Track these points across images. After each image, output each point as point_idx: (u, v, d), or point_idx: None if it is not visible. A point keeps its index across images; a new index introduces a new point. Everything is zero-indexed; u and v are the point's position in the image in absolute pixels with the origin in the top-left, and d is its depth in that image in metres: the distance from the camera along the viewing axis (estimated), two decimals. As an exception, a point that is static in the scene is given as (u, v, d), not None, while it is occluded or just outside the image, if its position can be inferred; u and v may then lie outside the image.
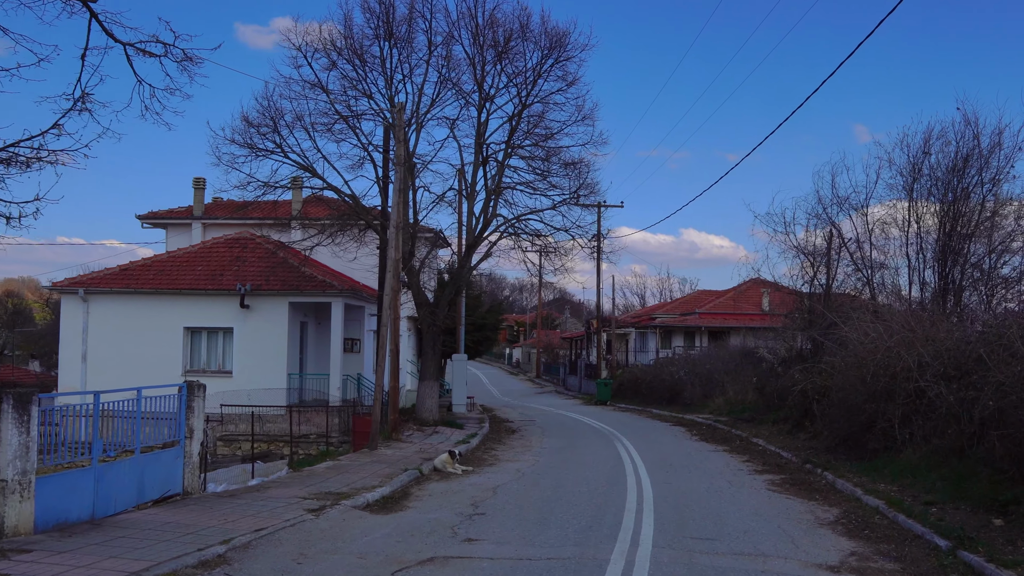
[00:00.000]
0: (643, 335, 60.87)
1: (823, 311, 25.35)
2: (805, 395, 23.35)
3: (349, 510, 13.06)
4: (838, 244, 29.16)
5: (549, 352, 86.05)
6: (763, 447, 22.92)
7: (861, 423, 18.21)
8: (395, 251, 23.07)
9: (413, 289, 27.11)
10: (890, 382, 17.04)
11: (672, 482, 16.72)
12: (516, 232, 28.35)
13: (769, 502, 14.62)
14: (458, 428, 26.74)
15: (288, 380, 30.53)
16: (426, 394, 27.25)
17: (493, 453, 22.20)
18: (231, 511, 12.31)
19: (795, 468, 18.89)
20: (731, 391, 35.50)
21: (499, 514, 13.10)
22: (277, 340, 30.32)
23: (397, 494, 15.03)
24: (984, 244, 26.12)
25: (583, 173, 27.11)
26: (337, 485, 15.24)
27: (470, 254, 27.45)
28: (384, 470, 17.33)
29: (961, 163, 26.20)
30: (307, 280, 30.69)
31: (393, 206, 22.92)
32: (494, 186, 27.11)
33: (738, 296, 58.40)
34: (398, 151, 23.21)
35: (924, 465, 15.21)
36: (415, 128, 26.89)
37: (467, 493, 15.28)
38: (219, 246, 33.34)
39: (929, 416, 15.73)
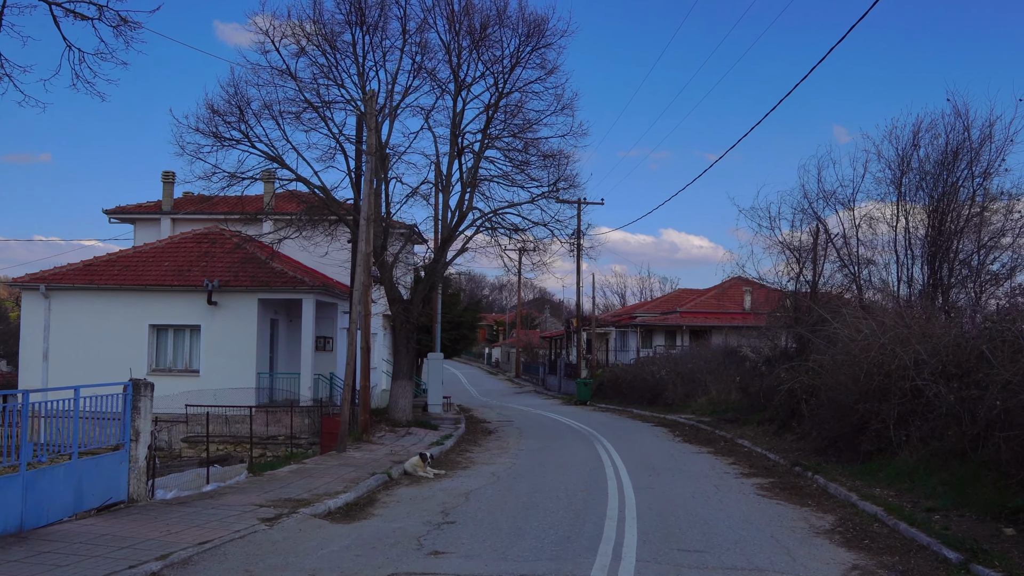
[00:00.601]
0: (623, 334, 60.06)
1: (811, 306, 24.51)
2: (792, 395, 22.50)
3: (307, 519, 12.04)
4: (824, 240, 28.37)
5: (529, 352, 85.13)
6: (749, 448, 22.05)
7: (853, 424, 17.36)
8: (366, 244, 22.05)
9: (385, 284, 26.08)
10: (884, 381, 16.19)
11: (655, 487, 15.80)
12: (493, 226, 27.35)
13: (759, 508, 13.71)
14: (432, 429, 25.74)
15: (257, 379, 29.47)
16: (399, 394, 26.21)
17: (468, 455, 21.21)
18: (177, 521, 11.27)
19: (784, 471, 18.02)
20: (714, 391, 34.72)
21: (470, 523, 12.12)
22: (246, 338, 29.25)
23: (362, 500, 14.02)
24: (973, 240, 25.45)
25: (562, 165, 26.17)
26: (298, 491, 14.22)
27: (445, 248, 26.41)
28: (350, 474, 16.32)
29: (951, 157, 25.49)
30: (277, 276, 29.63)
31: (364, 197, 21.90)
32: (470, 178, 26.10)
33: (720, 295, 57.66)
34: (369, 140, 22.19)
35: (922, 468, 14.35)
36: (388, 118, 25.86)
37: (437, 499, 14.29)
38: (187, 241, 32.23)
39: (927, 416, 14.87)
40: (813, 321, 24.64)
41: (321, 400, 29.71)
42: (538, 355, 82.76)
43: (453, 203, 26.95)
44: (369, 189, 21.83)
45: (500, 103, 25.70)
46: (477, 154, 26.26)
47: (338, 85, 24.83)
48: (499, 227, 27.36)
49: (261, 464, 19.95)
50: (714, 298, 58.03)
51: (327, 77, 24.71)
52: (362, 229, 21.59)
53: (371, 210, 22.04)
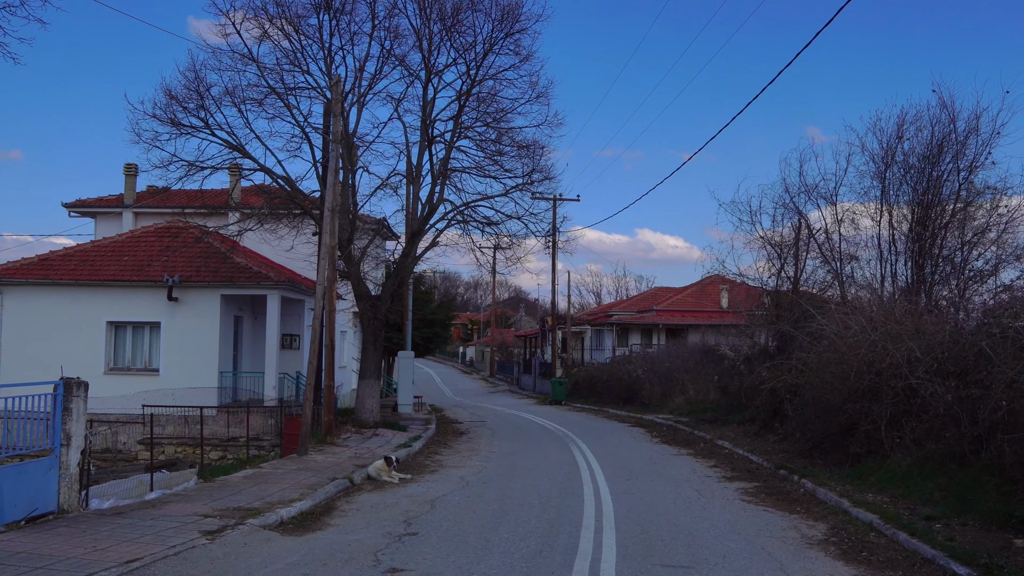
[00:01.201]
0: (599, 333, 59.21)
1: (796, 301, 23.72)
2: (774, 394, 21.67)
3: (255, 531, 10.98)
4: (806, 235, 27.60)
5: (503, 351, 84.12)
6: (730, 450, 21.18)
7: (841, 425, 16.50)
8: (330, 236, 20.99)
9: (352, 279, 24.98)
10: (875, 380, 15.33)
11: (634, 492, 14.84)
12: (465, 220, 26.30)
13: (745, 516, 12.78)
14: (401, 430, 24.68)
15: (219, 379, 28.32)
16: (366, 393, 25.11)
17: (437, 458, 20.20)
18: (107, 535, 10.17)
19: (768, 474, 17.14)
20: (692, 390, 33.90)
21: (434, 534, 11.11)
22: (208, 335, 28.10)
23: (319, 509, 12.97)
24: (957, 236, 24.77)
25: (537, 156, 25.14)
26: (249, 498, 13.15)
27: (415, 242, 25.31)
28: (309, 479, 15.27)
29: (936, 150, 24.78)
30: (241, 271, 28.47)
31: (328, 187, 20.81)
32: (441, 169, 25.04)
33: (697, 293, 56.95)
34: (334, 127, 21.12)
35: (917, 473, 13.50)
36: (356, 105, 24.77)
37: (401, 507, 13.27)
38: (148, 235, 31.01)
39: (922, 417, 14.03)
40: (796, 318, 23.83)
41: (286, 400, 28.62)
42: (513, 354, 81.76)
43: (424, 195, 25.94)
44: (334, 179, 20.75)
45: (473, 91, 24.67)
46: (448, 144, 25.21)
47: (303, 71, 23.72)
48: (471, 220, 26.35)
49: (214, 469, 18.87)
50: (691, 296, 57.29)
51: (291, 62, 23.59)
52: (326, 220, 20.53)
53: (336, 201, 20.97)
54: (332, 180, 20.80)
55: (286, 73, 23.60)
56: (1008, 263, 24.42)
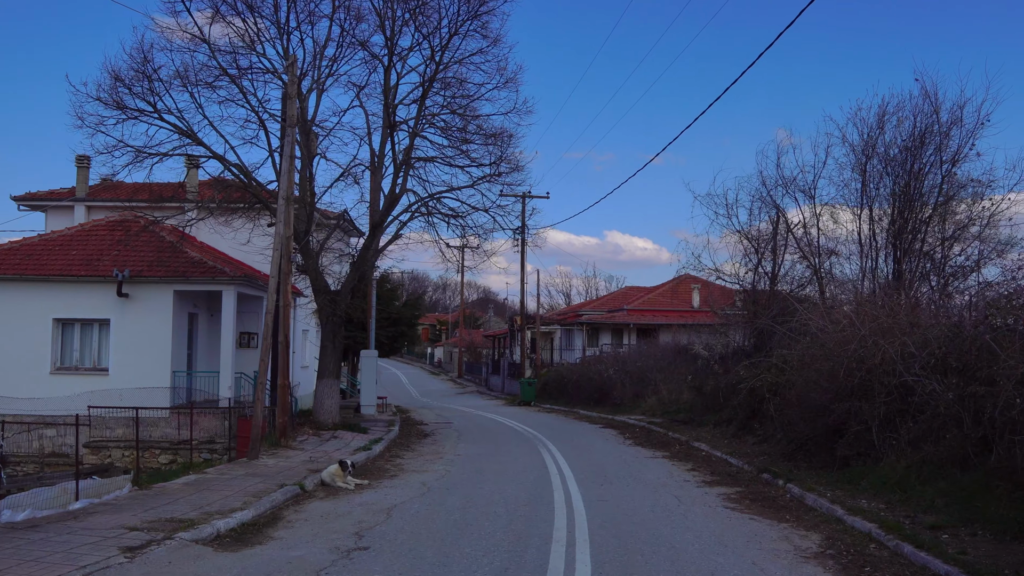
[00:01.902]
0: (569, 332, 58.16)
1: (773, 298, 22.70)
2: (753, 394, 20.67)
3: (184, 547, 9.73)
4: (784, 229, 26.68)
5: (472, 351, 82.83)
6: (707, 452, 20.13)
7: (827, 425, 15.47)
8: (285, 226, 19.75)
9: (310, 273, 23.69)
10: (866, 377, 14.32)
11: (608, 499, 13.72)
12: (429, 211, 25.08)
13: (731, 525, 11.69)
14: (361, 432, 23.40)
15: (172, 378, 26.92)
16: (324, 394, 23.80)
17: (398, 462, 18.98)
18: (10, 554, 8.88)
19: (750, 478, 16.09)
20: (664, 390, 32.90)
21: (387, 549, 9.91)
22: (160, 333, 26.72)
23: (262, 520, 11.73)
24: (938, 232, 24.00)
25: (505, 145, 23.94)
26: (186, 508, 11.88)
27: (376, 235, 24.01)
28: (256, 486, 14.01)
29: (918, 141, 23.95)
30: (195, 266, 27.09)
31: (283, 174, 19.55)
32: (404, 158, 23.79)
33: (669, 292, 56.06)
34: (289, 110, 19.88)
35: (915, 477, 12.47)
36: (315, 90, 23.48)
37: (354, 516, 12.06)
38: (99, 228, 29.55)
39: (918, 417, 13.02)
40: (775, 314, 22.88)
41: (243, 401, 27.28)
42: (481, 355, 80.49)
43: (387, 187, 24.67)
44: (289, 165, 19.50)
45: (438, 75, 23.43)
46: (412, 131, 23.97)
47: (258, 54, 22.39)
48: (436, 213, 25.11)
49: (152, 474, 17.55)
50: (663, 295, 56.40)
51: (245, 42, 22.24)
52: (280, 209, 19.26)
53: (291, 189, 19.73)
54: (287, 167, 19.55)
55: (240, 56, 22.30)
56: (990, 259, 23.66)
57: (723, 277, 27.12)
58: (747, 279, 26.71)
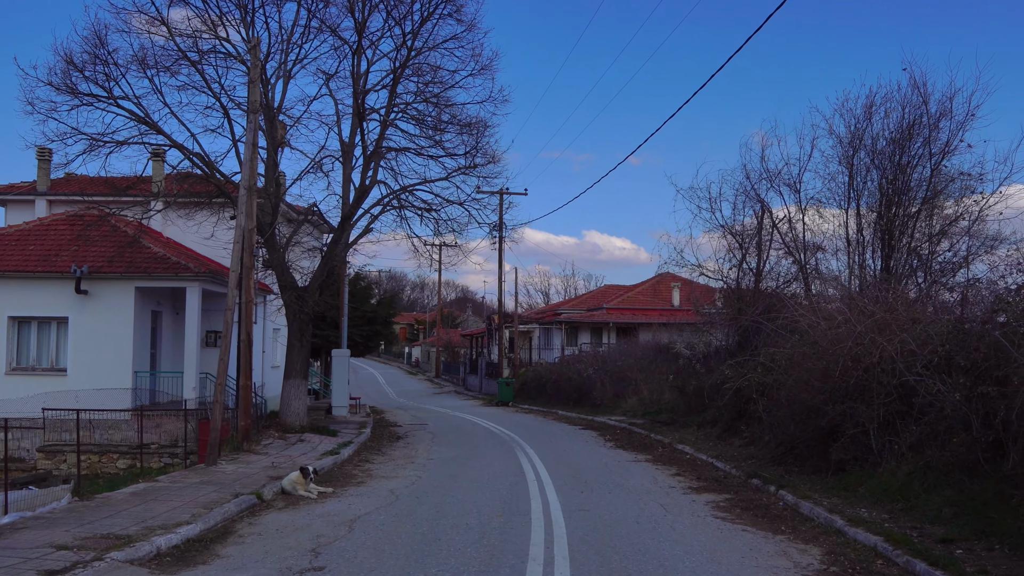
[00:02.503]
0: (548, 331, 57.22)
1: (767, 290, 21.81)
2: (739, 394, 19.78)
3: (116, 568, 8.68)
4: (769, 224, 25.84)
5: (450, 351, 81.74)
6: (692, 456, 19.25)
7: (820, 428, 14.60)
8: (247, 218, 18.69)
9: (276, 268, 22.60)
10: (863, 376, 13.45)
11: (589, 508, 12.75)
12: (402, 204, 24.01)
13: (723, 538, 10.76)
14: (330, 435, 22.32)
15: (134, 379, 25.81)
16: (291, 395, 22.70)
17: (367, 467, 17.95)
18: (-89, 579, 7.84)
19: (739, 484, 15.18)
20: (645, 390, 32.06)
21: (345, 569, 8.90)
22: (121, 332, 25.61)
23: (211, 535, 10.68)
24: (925, 227, 23.29)
25: (480, 135, 22.89)
26: (127, 522, 10.81)
27: (345, 228, 22.93)
28: (210, 495, 12.96)
29: (906, 133, 23.19)
30: (158, 261, 25.97)
31: (245, 162, 18.47)
32: (374, 147, 22.73)
33: (649, 290, 55.34)
34: (252, 95, 18.81)
35: (918, 484, 11.59)
36: (282, 78, 22.40)
37: (313, 530, 11.04)
38: (59, 223, 28.36)
39: (921, 419, 12.13)
40: (760, 311, 22.03)
41: (208, 403, 26.17)
42: (459, 354, 79.40)
43: (359, 178, 23.58)
44: (251, 153, 18.44)
45: (410, 61, 22.38)
46: (383, 120, 22.91)
47: (220, 39, 21.27)
48: (409, 206, 24.05)
49: (96, 484, 16.45)
50: (643, 294, 55.60)
51: (207, 25, 21.12)
52: (242, 200, 18.18)
53: (253, 178, 18.67)
54: (249, 155, 18.49)
55: (202, 41, 21.17)
56: (977, 255, 22.94)
57: (706, 273, 26.26)
58: (731, 275, 25.86)
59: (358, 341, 40.91)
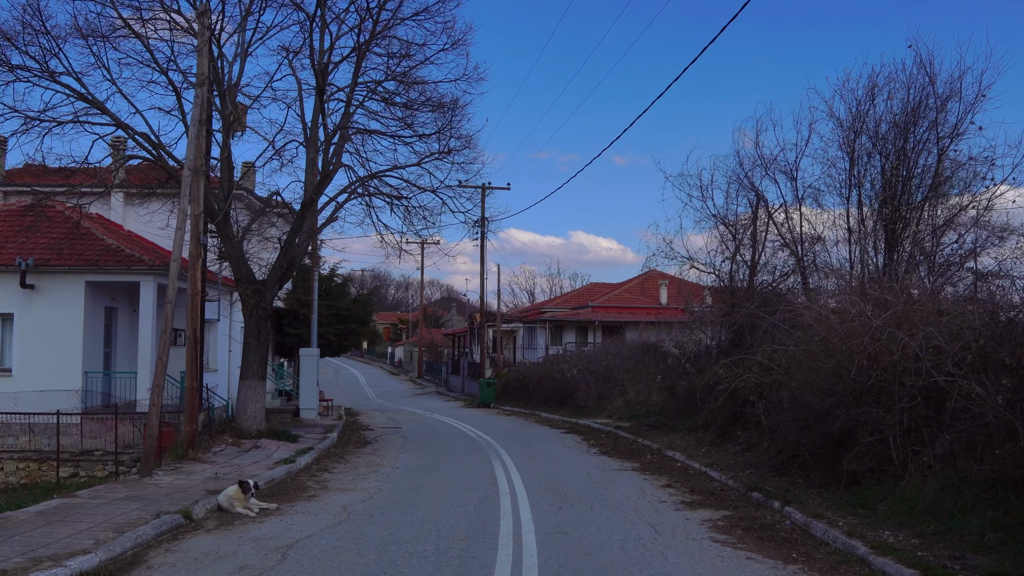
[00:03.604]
0: (531, 331, 55.50)
1: (762, 284, 20.16)
2: (735, 396, 18.10)
3: (-34, 619, 6.93)
4: (765, 214, 24.20)
5: (432, 351, 79.93)
6: (683, 464, 17.57)
7: (829, 435, 12.90)
8: (193, 203, 16.92)
9: (231, 260, 20.79)
10: (881, 376, 11.77)
11: (568, 529, 11.00)
12: (370, 192, 22.21)
13: (724, 569, 9.04)
14: (290, 441, 20.49)
15: (85, 380, 23.94)
16: (248, 397, 20.84)
17: (324, 477, 16.17)
18: None
19: (738, 498, 13.49)
20: (632, 391, 30.40)
21: (260, 616, 7.16)
22: (70, 329, 23.79)
23: (111, 567, 8.88)
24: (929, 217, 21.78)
25: (452, 113, 21.08)
26: (13, 551, 9.02)
27: (306, 215, 21.07)
28: (129, 515, 11.17)
29: (911, 116, 21.62)
30: (110, 254, 24.11)
31: (191, 140, 16.67)
32: (335, 128, 20.92)
33: (636, 288, 53.69)
34: (199, 67, 17.03)
35: (951, 503, 9.90)
36: (240, 56, 20.58)
37: (239, 559, 9.28)
38: (8, 213, 26.54)
39: (953, 426, 10.45)
40: (757, 305, 20.36)
41: (166, 405, 24.34)
42: (442, 354, 77.58)
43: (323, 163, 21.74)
44: (198, 131, 16.65)
45: (377, 34, 20.55)
46: (348, 98, 21.09)
47: (166, 9, 19.40)
48: (378, 194, 22.24)
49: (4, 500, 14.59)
50: (629, 292, 53.95)
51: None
52: (186, 182, 16.39)
53: (200, 159, 16.88)
54: (195, 132, 16.68)
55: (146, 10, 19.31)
56: (985, 247, 21.42)
57: (697, 266, 24.58)
58: (724, 269, 24.19)
59: (332, 340, 39.06)
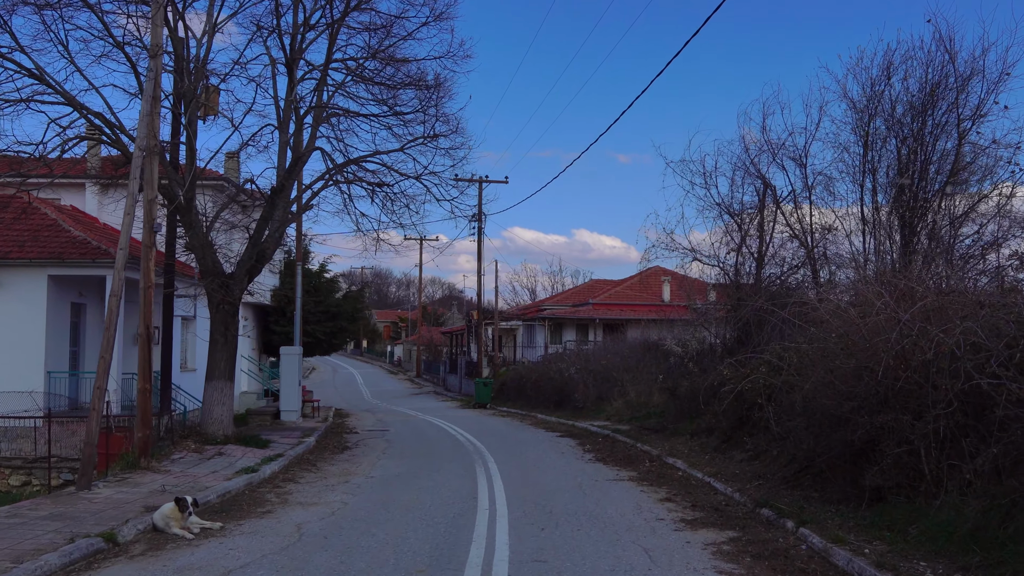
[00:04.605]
0: (531, 328, 53.94)
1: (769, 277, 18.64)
2: (741, 399, 16.54)
3: None
4: (772, 203, 22.62)
5: (432, 350, 78.34)
6: (684, 472, 16.01)
7: (849, 444, 11.36)
8: (146, 186, 15.39)
9: (196, 251, 19.23)
10: (911, 378, 10.20)
11: (549, 557, 9.42)
12: (348, 179, 20.64)
13: (731, 610, 7.50)
14: (259, 447, 18.92)
15: (48, 381, 22.46)
16: (214, 399, 19.27)
17: (288, 488, 14.61)
18: None
19: (745, 515, 11.92)
20: (632, 392, 28.86)
21: None
22: (31, 327, 22.37)
23: (-10, 609, 7.41)
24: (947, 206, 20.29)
25: (441, 96, 19.52)
26: None
27: (277, 201, 19.47)
28: (41, 538, 9.65)
29: (928, 96, 20.07)
30: (75, 246, 22.67)
31: (142, 118, 15.13)
32: (308, 108, 19.37)
33: (638, 285, 52.13)
34: (153, 36, 15.50)
35: (999, 528, 8.32)
36: (208, 30, 19.02)
37: (151, 597, 7.76)
38: (-37, 205, 25.00)
39: (1000, 438, 8.88)
40: (765, 300, 18.81)
41: (132, 407, 22.86)
42: (441, 353, 76.03)
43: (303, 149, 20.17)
44: (150, 106, 15.10)
45: (351, 6, 18.94)
46: (322, 73, 19.47)
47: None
48: (356, 180, 20.67)
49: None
50: (631, 288, 52.39)
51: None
52: (136, 163, 14.83)
53: (152, 137, 15.33)
54: (148, 109, 15.13)
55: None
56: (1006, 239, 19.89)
57: (700, 258, 22.98)
58: (729, 260, 22.59)
59: (321, 338, 37.53)
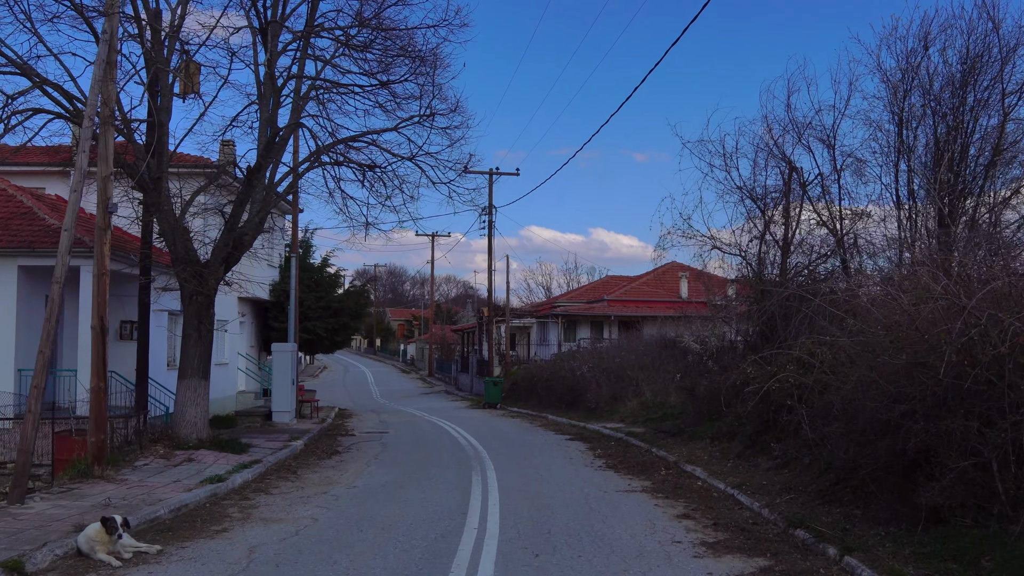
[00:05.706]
0: (544, 326, 52.21)
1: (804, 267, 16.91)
2: (767, 399, 14.77)
3: None
4: (798, 187, 20.82)
5: (444, 348, 76.64)
6: (705, 483, 14.26)
7: (899, 454, 9.59)
8: (101, 161, 13.79)
9: (167, 237, 17.58)
10: (980, 376, 8.43)
11: (539, 593, 7.75)
12: (336, 161, 18.99)
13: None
14: (235, 452, 17.24)
15: (18, 379, 20.93)
16: (187, 399, 17.60)
17: (255, 501, 12.93)
18: None
19: (776, 537, 10.14)
20: (647, 392, 27.17)
21: None
22: (2, 322, 20.81)
23: None
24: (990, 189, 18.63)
25: (427, 67, 17.79)
26: None
27: (253, 183, 17.72)
28: (-69, 569, 8.03)
29: (970, 69, 18.30)
30: (48, 235, 21.10)
31: (93, 83, 13.49)
32: (289, 76, 17.73)
33: (654, 281, 50.41)
34: (108, -5, 13.87)
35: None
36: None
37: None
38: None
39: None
40: (793, 290, 17.03)
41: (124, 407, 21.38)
42: (454, 351, 74.38)
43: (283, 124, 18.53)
44: (103, 71, 13.47)
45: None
46: (304, 37, 17.73)
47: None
48: (345, 162, 19.01)
49: None
50: (647, 284, 50.58)
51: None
52: (85, 135, 13.20)
53: (107, 106, 13.71)
54: (100, 74, 13.50)
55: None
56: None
57: (720, 246, 21.12)
58: (752, 249, 20.75)
59: (322, 335, 35.89)
